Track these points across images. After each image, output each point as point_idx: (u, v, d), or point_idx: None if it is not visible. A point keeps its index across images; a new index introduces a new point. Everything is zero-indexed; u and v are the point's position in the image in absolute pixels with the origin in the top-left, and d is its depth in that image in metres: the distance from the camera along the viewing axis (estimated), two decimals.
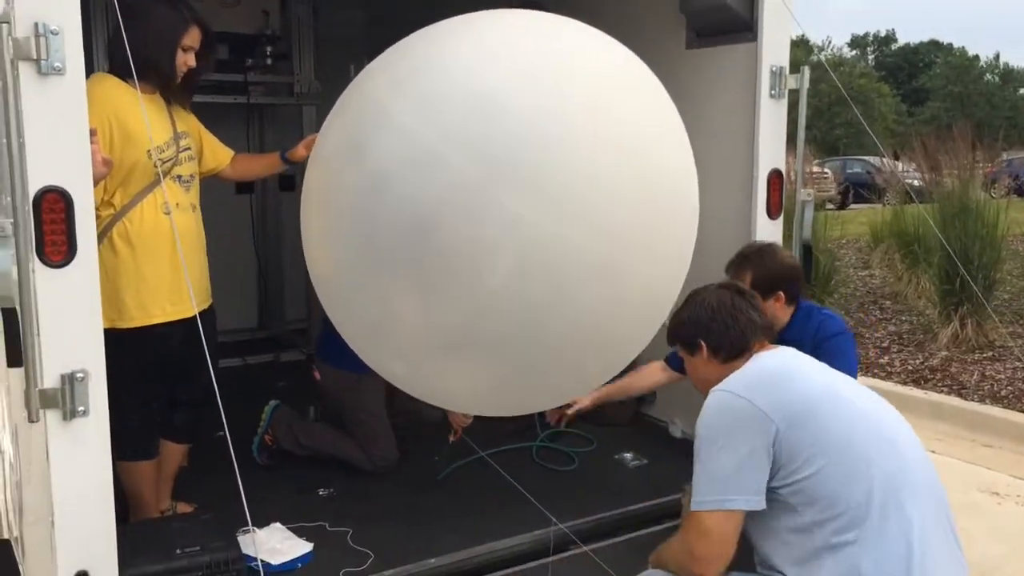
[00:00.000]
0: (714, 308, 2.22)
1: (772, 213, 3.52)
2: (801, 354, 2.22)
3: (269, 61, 4.99)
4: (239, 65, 4.85)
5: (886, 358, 6.66)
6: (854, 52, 60.37)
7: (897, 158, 15.38)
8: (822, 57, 45.03)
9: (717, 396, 2.05)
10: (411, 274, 2.11)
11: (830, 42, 46.62)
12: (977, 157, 10.82)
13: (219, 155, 3.13)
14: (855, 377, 2.66)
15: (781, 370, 2.08)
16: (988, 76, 49.33)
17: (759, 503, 1.94)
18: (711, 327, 2.21)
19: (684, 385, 3.57)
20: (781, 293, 2.99)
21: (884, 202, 11.71)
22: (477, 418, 3.96)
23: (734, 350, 2.19)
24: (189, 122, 2.95)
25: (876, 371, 6.42)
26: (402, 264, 2.10)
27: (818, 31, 57.49)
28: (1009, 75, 49.33)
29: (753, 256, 3.06)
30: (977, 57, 51.43)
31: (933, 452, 5.20)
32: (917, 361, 6.48)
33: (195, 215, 2.88)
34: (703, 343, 2.23)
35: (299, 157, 3.14)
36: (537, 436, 3.81)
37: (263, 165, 3.40)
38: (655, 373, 3.53)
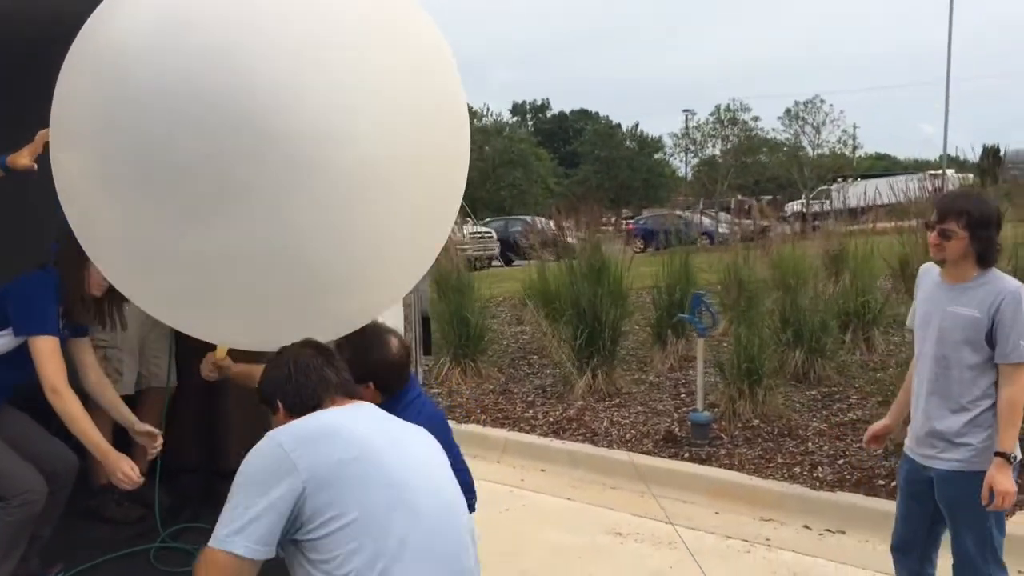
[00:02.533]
0: (291, 369, 2.28)
1: None
2: (367, 410, 2.30)
3: None
4: None
5: (531, 412, 7.07)
6: (515, 119, 65.01)
7: (559, 217, 16.75)
8: (485, 123, 47.91)
9: (264, 440, 2.11)
10: None
11: (488, 109, 49.78)
12: (610, 219, 12.06)
13: None
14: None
15: (329, 427, 2.15)
16: (628, 143, 55.31)
17: (265, 553, 2.00)
18: (286, 388, 2.27)
19: None
20: (371, 384, 3.04)
21: (542, 259, 12.59)
22: (83, 524, 3.62)
23: (306, 409, 2.25)
24: None
25: (522, 425, 6.79)
26: None
27: (479, 98, 61.33)
28: (645, 142, 55.67)
29: (349, 345, 3.10)
30: (619, 125, 57.59)
31: (569, 499, 5.59)
32: (557, 412, 6.95)
33: None
34: (280, 403, 2.29)
35: (22, 165, 3.05)
36: (158, 536, 3.53)
37: None
38: None
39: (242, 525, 1.99)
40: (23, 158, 3.09)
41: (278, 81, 2.07)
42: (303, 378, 2.27)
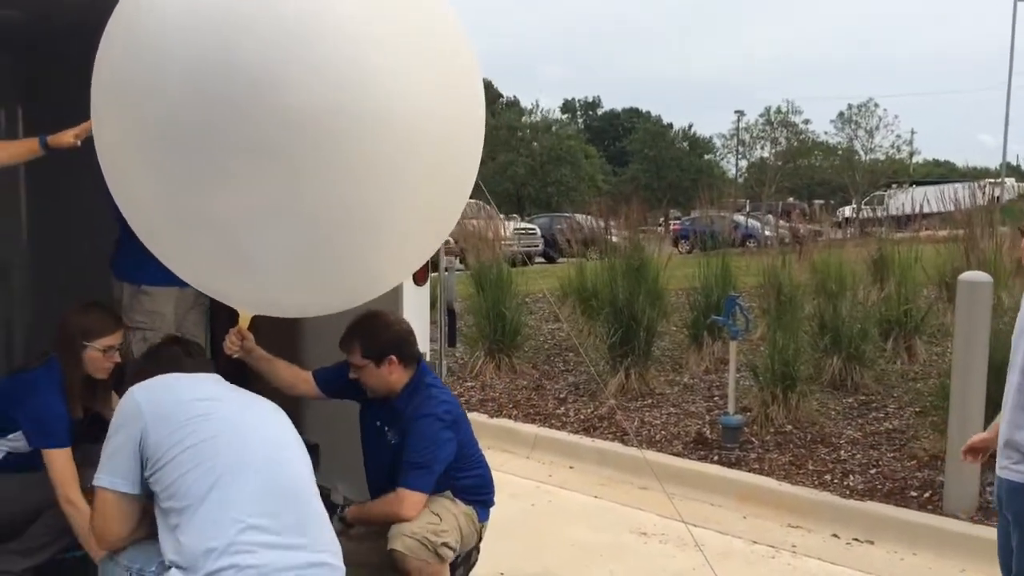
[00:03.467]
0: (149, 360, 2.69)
1: (418, 281, 3.65)
2: (217, 378, 2.61)
3: None
4: None
5: (562, 409, 7.07)
6: (566, 115, 64.78)
7: (602, 215, 16.77)
8: (534, 119, 47.91)
9: (124, 395, 2.45)
10: None
11: (538, 105, 49.81)
12: (654, 219, 12.00)
13: None
14: (429, 455, 3.10)
15: (172, 378, 2.52)
16: (681, 143, 54.79)
17: (127, 486, 2.31)
18: (142, 377, 2.55)
19: (349, 449, 3.56)
20: (393, 357, 3.14)
21: (582, 257, 12.57)
22: None
23: None
24: None
25: (552, 421, 6.80)
26: None
27: (530, 95, 61.40)
28: (696, 143, 55.14)
29: (357, 329, 3.18)
30: (671, 125, 57.04)
31: (596, 497, 5.58)
32: (588, 410, 6.94)
33: None
34: None
35: (65, 143, 3.13)
36: None
37: (13, 152, 3.29)
38: (299, 375, 3.43)
39: (104, 464, 2.32)
40: (67, 136, 3.13)
41: (300, 44, 2.15)
42: (154, 365, 2.60)
